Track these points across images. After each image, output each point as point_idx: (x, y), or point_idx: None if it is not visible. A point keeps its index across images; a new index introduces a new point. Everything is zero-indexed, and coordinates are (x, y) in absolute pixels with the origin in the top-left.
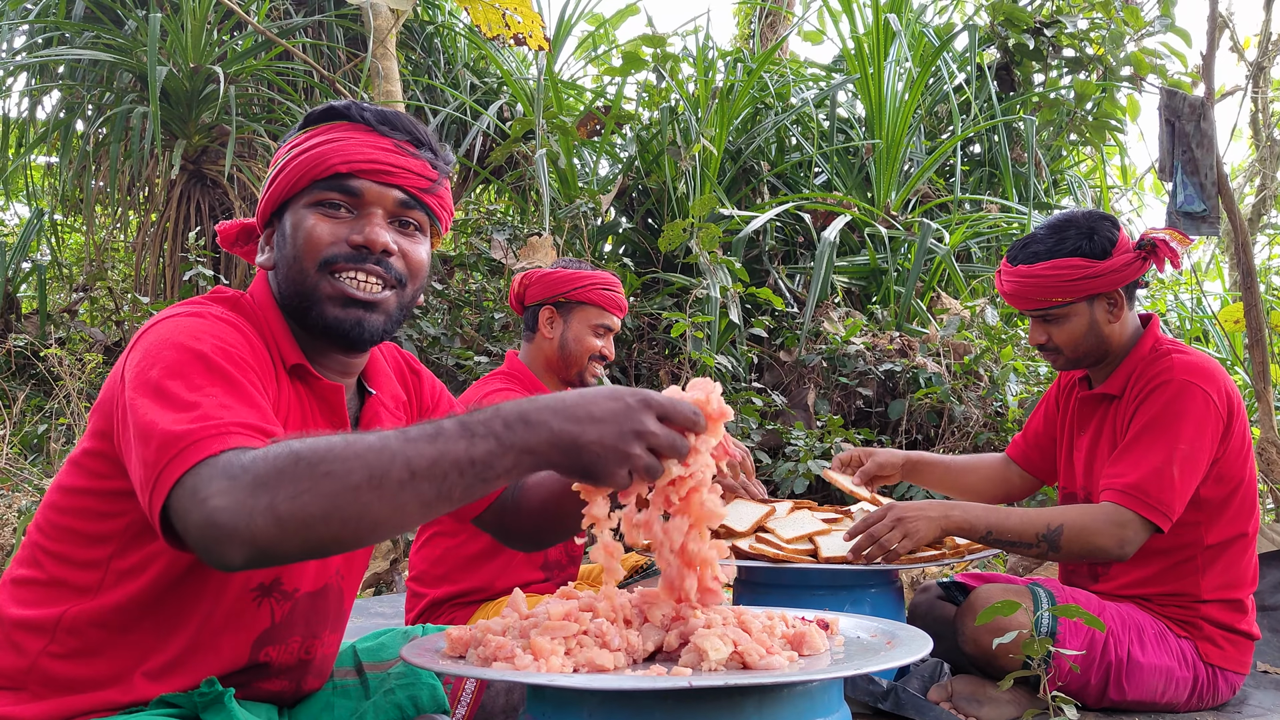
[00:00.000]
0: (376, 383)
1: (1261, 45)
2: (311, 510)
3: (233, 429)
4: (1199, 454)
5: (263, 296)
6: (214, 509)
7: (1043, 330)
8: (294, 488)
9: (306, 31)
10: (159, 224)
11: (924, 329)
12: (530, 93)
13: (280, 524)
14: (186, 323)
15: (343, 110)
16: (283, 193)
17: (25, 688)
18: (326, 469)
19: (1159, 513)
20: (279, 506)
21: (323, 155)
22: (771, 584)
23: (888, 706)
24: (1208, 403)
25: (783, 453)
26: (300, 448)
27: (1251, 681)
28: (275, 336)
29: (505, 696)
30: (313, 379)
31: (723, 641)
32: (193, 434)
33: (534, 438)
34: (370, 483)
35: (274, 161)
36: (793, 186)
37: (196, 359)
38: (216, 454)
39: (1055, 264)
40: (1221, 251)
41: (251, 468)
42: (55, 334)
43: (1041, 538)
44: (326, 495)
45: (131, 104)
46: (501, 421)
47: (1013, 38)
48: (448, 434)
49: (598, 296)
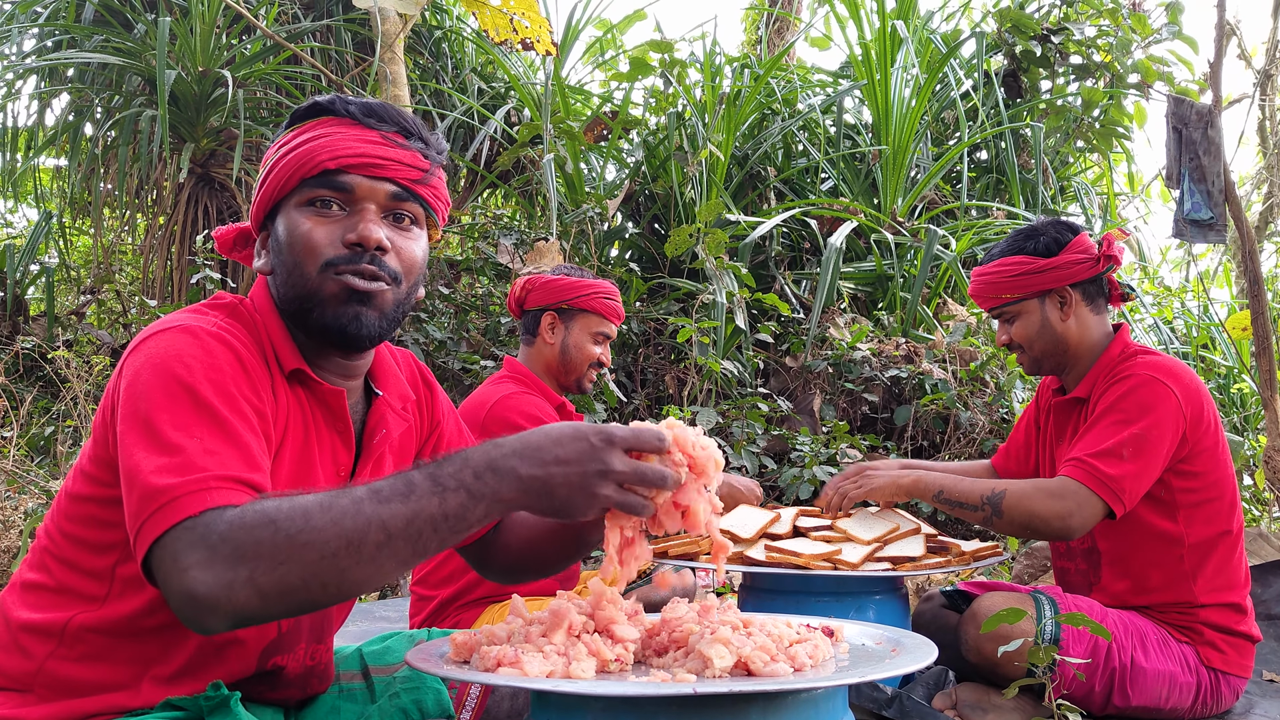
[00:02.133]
0: (384, 384)
1: (1269, 53)
2: (292, 580)
3: (213, 484)
4: (1156, 443)
5: (262, 301)
6: (193, 581)
7: (1004, 329)
8: (273, 559)
9: (315, 36)
10: (167, 227)
11: (930, 335)
12: (537, 97)
13: (262, 595)
14: (180, 344)
15: (327, 105)
16: (273, 194)
17: (32, 690)
18: (305, 539)
19: (1107, 489)
20: (259, 579)
21: (310, 152)
22: (776, 590)
23: (892, 714)
24: (1168, 395)
25: (788, 458)
26: (278, 515)
27: (1257, 690)
28: (274, 342)
29: (510, 701)
30: (314, 384)
31: (727, 648)
32: (173, 489)
33: (504, 486)
34: (348, 549)
35: (264, 163)
36: (799, 192)
37: (185, 393)
38: (196, 514)
39: (1002, 262)
40: (1229, 258)
41: (230, 538)
42: (63, 336)
43: (986, 500)
44: (306, 564)
45: (140, 107)
46: (471, 472)
47: (1020, 44)
48: (420, 490)
49: (600, 305)
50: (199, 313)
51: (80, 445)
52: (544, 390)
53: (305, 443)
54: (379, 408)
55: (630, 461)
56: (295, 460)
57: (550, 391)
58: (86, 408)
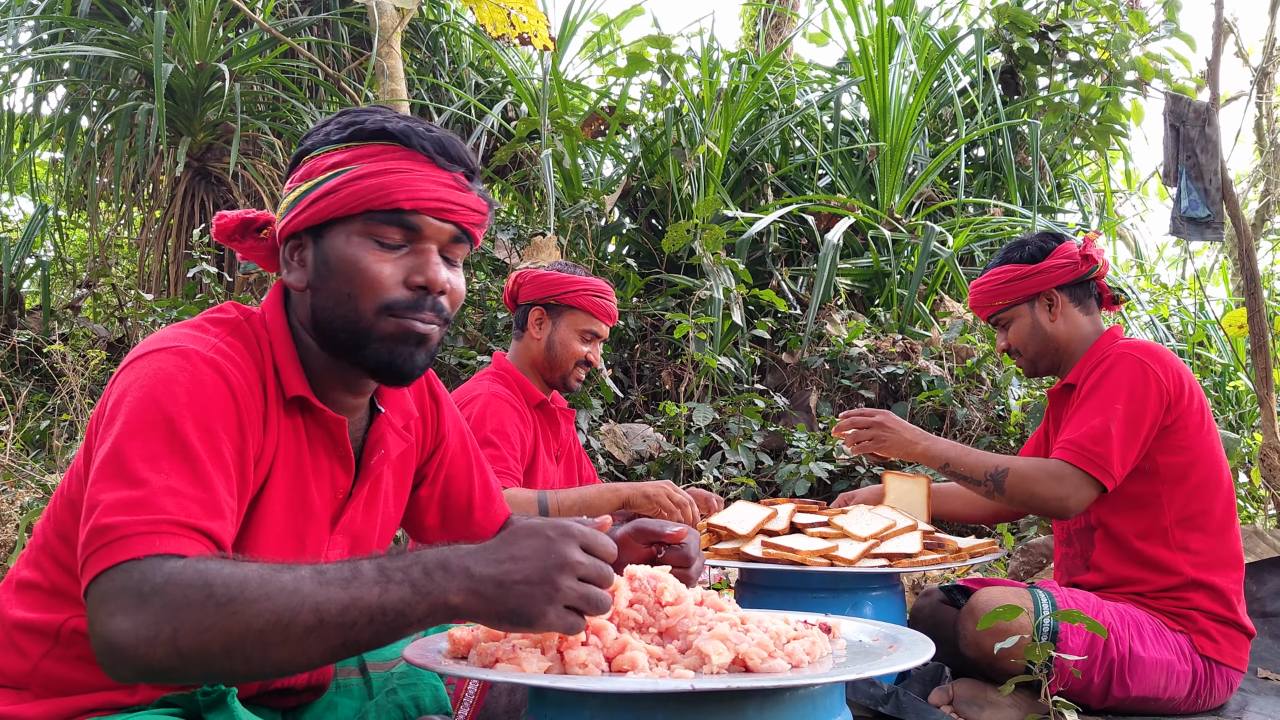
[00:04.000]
0: (387, 401)
1: (1266, 51)
2: (213, 648)
3: (166, 528)
4: (1140, 417)
5: (275, 319)
6: (115, 627)
7: (1001, 336)
8: (198, 623)
9: (312, 30)
10: (163, 221)
11: (927, 332)
12: (535, 92)
13: (180, 657)
14: (171, 369)
15: (400, 135)
16: (328, 213)
17: (28, 688)
18: (235, 609)
19: (1098, 466)
20: (180, 641)
21: (385, 187)
22: (773, 586)
23: (889, 710)
24: (1146, 371)
25: (785, 455)
26: (215, 580)
27: (1252, 688)
28: (278, 365)
29: (507, 697)
30: (316, 411)
31: (725, 644)
32: (123, 528)
33: (451, 584)
34: (275, 627)
35: (310, 171)
36: (796, 188)
37: (164, 423)
38: (139, 558)
39: (994, 272)
40: (1226, 256)
41: (163, 591)
42: (59, 330)
43: (989, 476)
44: (230, 635)
45: (137, 100)
46: (421, 568)
47: (1017, 41)
48: (363, 579)
49: (588, 302)
50: (200, 330)
51: (76, 439)
52: (525, 387)
53: (300, 468)
54: (379, 427)
55: (590, 557)
56: (290, 485)
57: (532, 388)
58: (82, 402)
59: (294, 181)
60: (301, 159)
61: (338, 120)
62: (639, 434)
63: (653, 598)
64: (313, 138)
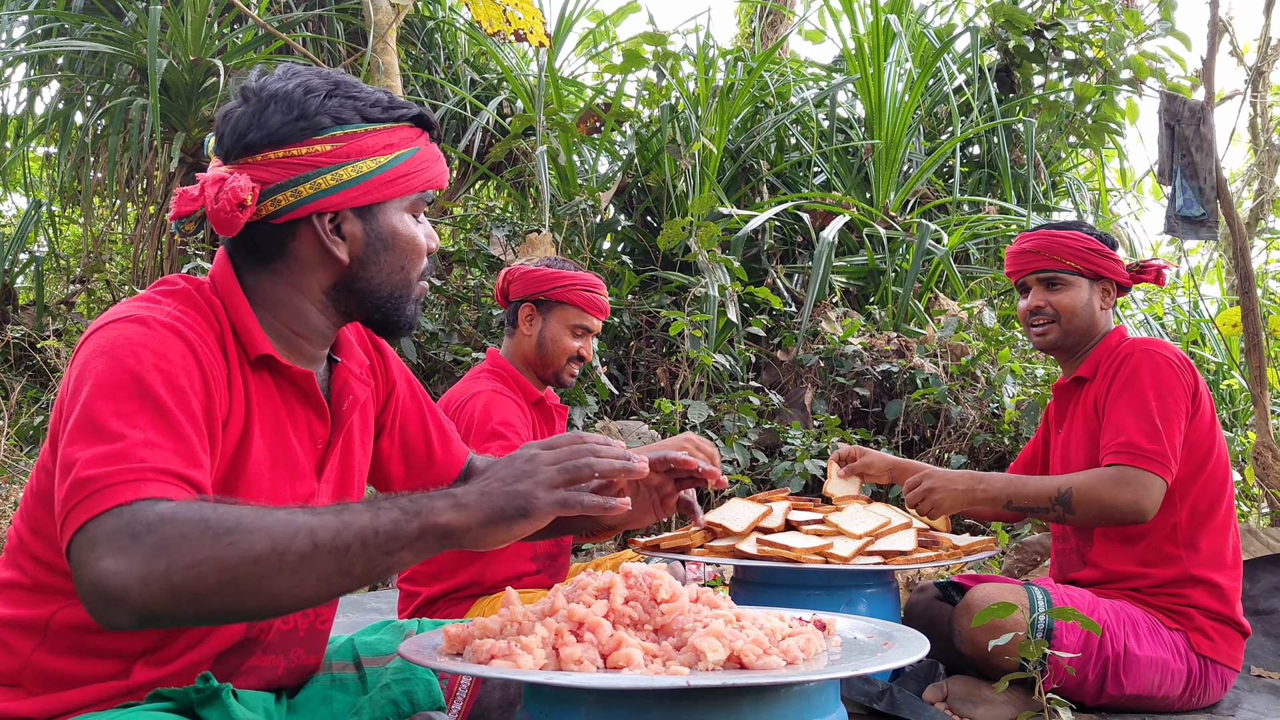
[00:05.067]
0: (342, 352)
1: (1261, 50)
2: (208, 582)
3: (150, 475)
4: (1175, 410)
5: (229, 286)
6: (105, 569)
7: (1040, 294)
8: (193, 556)
9: (307, 25)
10: (157, 216)
11: (921, 330)
12: (530, 89)
13: (173, 594)
14: (130, 334)
15: (430, 123)
16: (396, 193)
17: (20, 684)
18: (231, 539)
19: (1156, 462)
20: (174, 575)
21: (434, 175)
22: (768, 584)
23: (883, 707)
24: (1169, 363)
25: (779, 452)
26: (212, 515)
27: (1245, 685)
28: (237, 328)
29: (501, 692)
30: (282, 367)
31: (720, 641)
32: (106, 477)
33: (438, 503)
34: (272, 554)
35: (358, 149)
36: (792, 186)
37: (132, 382)
38: (127, 502)
39: (1078, 235)
40: (1221, 254)
41: (157, 529)
42: (52, 325)
43: (1055, 501)
44: (225, 565)
45: (131, 96)
46: (408, 497)
47: (1013, 40)
48: (354, 508)
49: (577, 297)
50: (151, 301)
51: None
52: (521, 383)
53: (278, 423)
54: (341, 375)
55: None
56: (271, 440)
57: (528, 385)
58: None
59: (321, 156)
60: (313, 131)
61: (358, 96)
62: (634, 431)
63: (648, 595)
64: (329, 109)
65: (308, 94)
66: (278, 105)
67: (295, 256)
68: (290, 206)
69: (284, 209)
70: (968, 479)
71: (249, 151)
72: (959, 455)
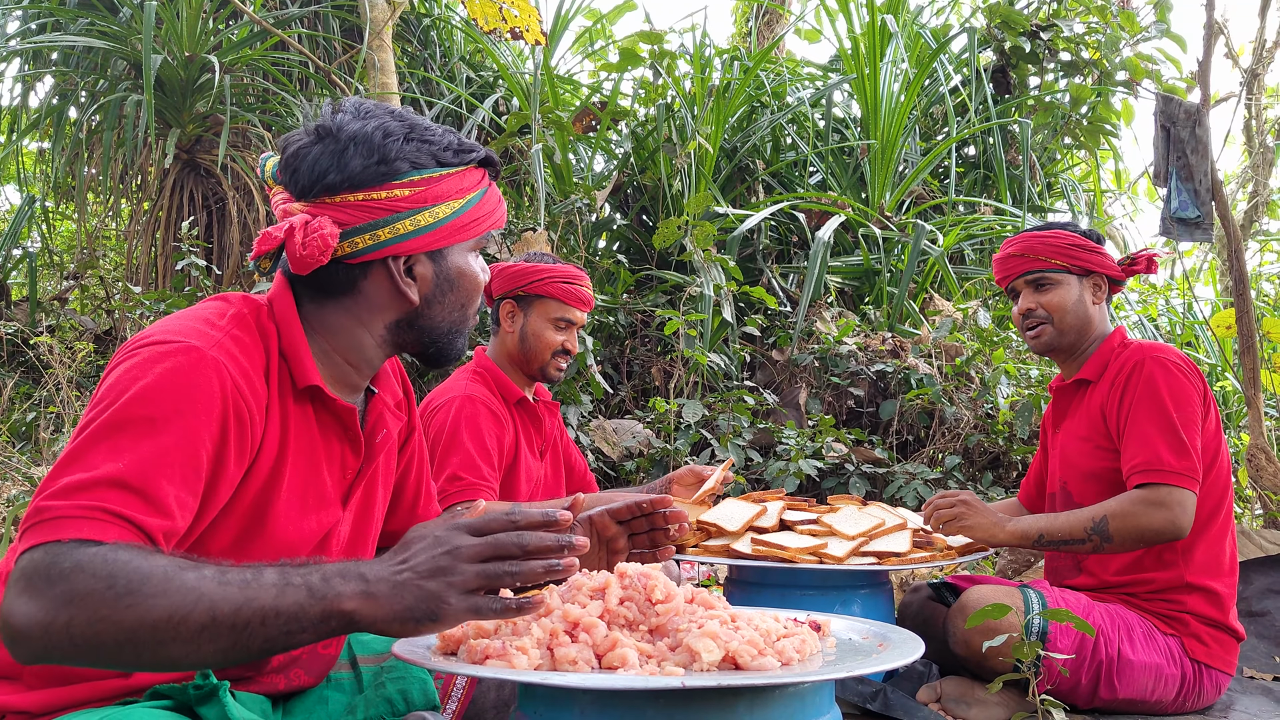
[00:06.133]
0: (380, 383)
1: (1256, 52)
2: (105, 640)
3: (97, 515)
4: (1192, 413)
5: (286, 313)
6: (15, 610)
7: (1031, 297)
8: (95, 613)
9: (302, 22)
10: (151, 213)
11: (916, 330)
12: (526, 87)
13: (74, 645)
14: (169, 366)
15: (494, 163)
16: (469, 235)
17: (20, 678)
18: (130, 602)
19: (1186, 477)
20: (75, 629)
21: (499, 217)
22: (762, 583)
23: (876, 707)
24: (1181, 370)
25: (774, 452)
26: (118, 570)
27: (1238, 687)
28: (289, 357)
29: (496, 692)
30: (328, 399)
31: (715, 642)
32: (56, 510)
33: (346, 588)
34: (169, 622)
35: (435, 193)
36: (788, 186)
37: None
38: (62, 541)
39: (1061, 233)
40: (1215, 255)
41: (69, 577)
42: (45, 321)
43: (1091, 531)
44: (123, 628)
45: (125, 92)
46: (320, 575)
47: (1009, 40)
48: (263, 581)
49: (557, 289)
50: (208, 324)
51: (63, 431)
52: (504, 384)
53: (313, 452)
54: (376, 408)
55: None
56: (304, 469)
57: (511, 385)
58: (69, 394)
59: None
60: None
61: (432, 140)
62: (628, 430)
63: (643, 595)
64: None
65: (386, 138)
66: (358, 148)
67: (365, 295)
68: (368, 249)
69: (361, 251)
70: (1002, 516)
71: (329, 192)
72: (953, 456)
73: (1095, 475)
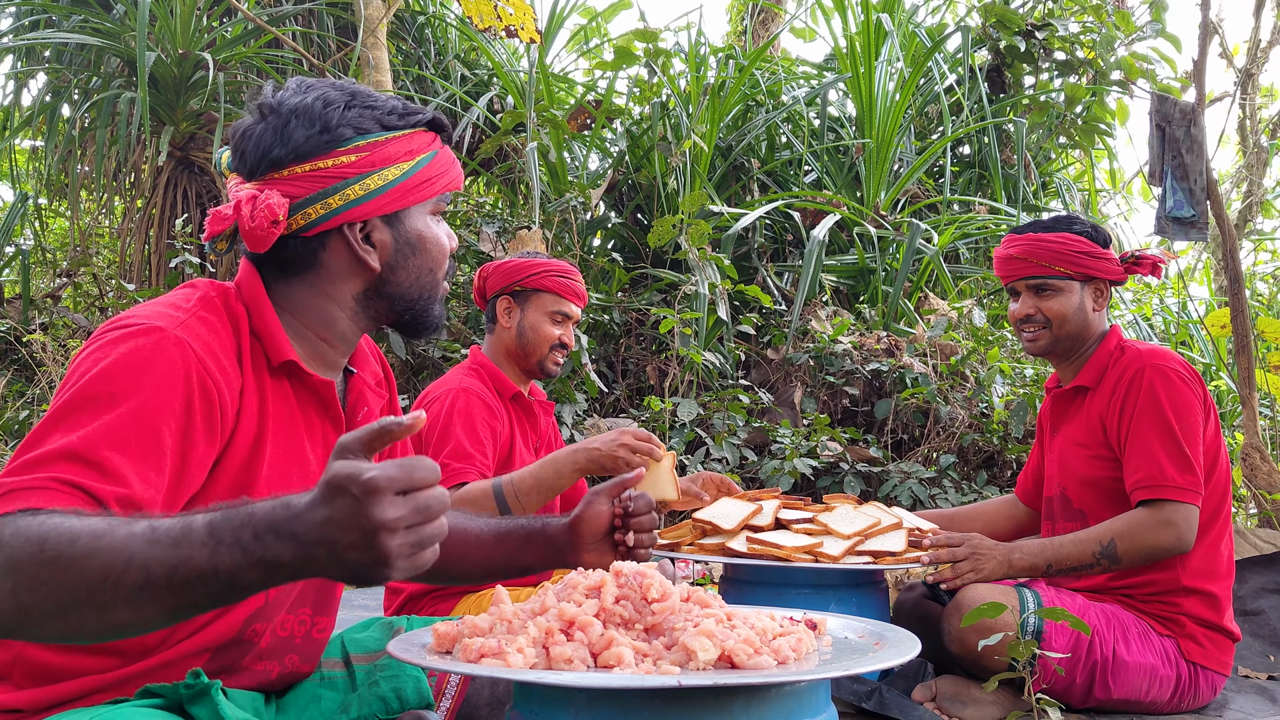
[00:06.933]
0: (358, 362)
1: (1250, 52)
2: (48, 604)
3: (46, 483)
4: (1193, 424)
5: (254, 293)
6: None
7: (1030, 301)
8: (34, 577)
9: (297, 19)
10: (145, 210)
11: (911, 329)
12: (521, 85)
13: (22, 612)
14: (132, 347)
15: (444, 125)
16: (421, 198)
17: (9, 677)
18: (63, 563)
19: (1189, 492)
20: (20, 597)
21: (454, 178)
22: (757, 582)
23: (872, 706)
24: (1181, 378)
25: (769, 450)
26: (51, 533)
27: (1233, 685)
28: (261, 335)
29: (490, 690)
30: (304, 374)
31: (711, 641)
32: (10, 485)
33: (285, 549)
34: (104, 582)
35: (382, 157)
36: (783, 184)
37: (104, 398)
38: (10, 512)
39: (1066, 236)
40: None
41: (9, 545)
42: (38, 319)
43: (1099, 555)
44: (64, 588)
45: (119, 89)
46: (251, 531)
47: (1004, 40)
48: (193, 540)
49: (552, 283)
50: (174, 307)
51: None
52: (500, 379)
53: (294, 431)
54: (356, 386)
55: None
56: (286, 447)
57: (507, 380)
58: None
59: (348, 167)
60: (336, 143)
61: (375, 105)
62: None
63: (639, 594)
64: (350, 120)
65: (327, 107)
66: (299, 120)
67: (326, 266)
68: (321, 219)
69: (315, 221)
70: (1007, 546)
71: (275, 167)
72: (948, 455)
73: (1094, 483)
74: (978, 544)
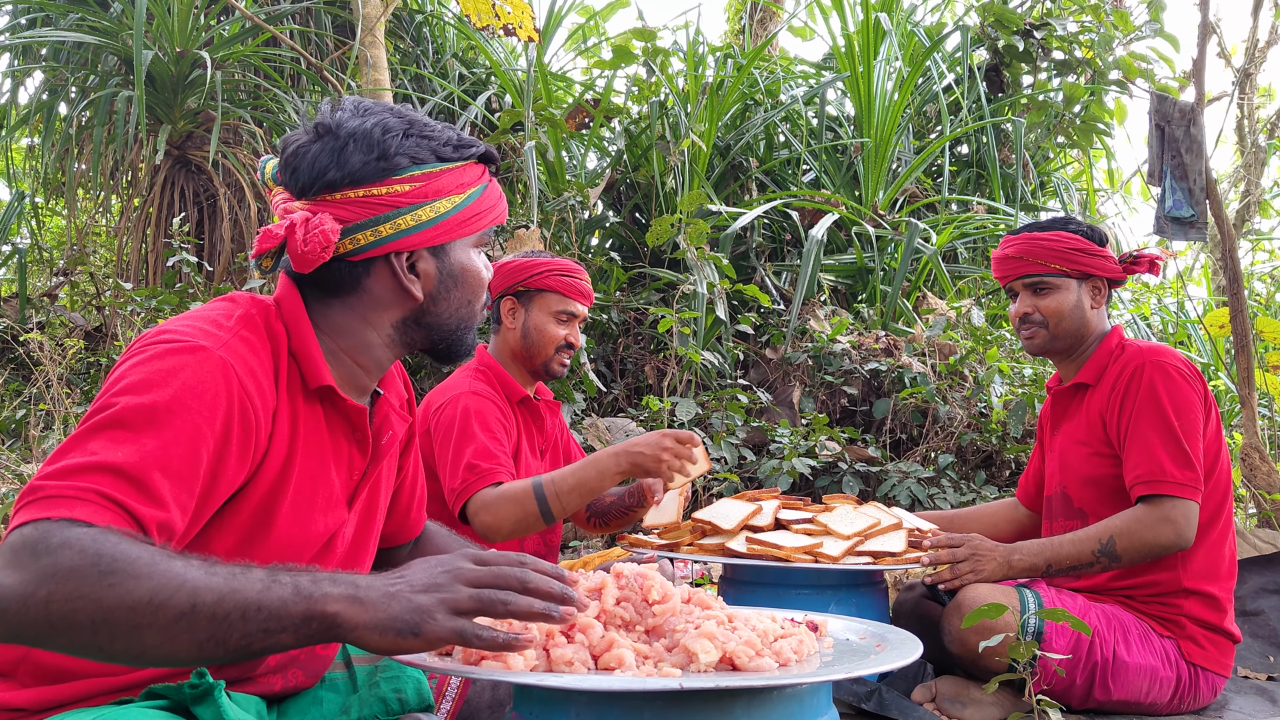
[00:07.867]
0: (385, 385)
1: (1248, 52)
2: (81, 620)
3: (91, 497)
4: (1193, 420)
5: (295, 314)
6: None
7: (1028, 300)
8: (76, 589)
9: (294, 18)
10: (142, 209)
11: (910, 329)
12: (519, 84)
13: (49, 622)
14: (175, 362)
15: (494, 158)
16: (469, 231)
17: (14, 676)
18: (113, 580)
19: (1188, 488)
20: (53, 605)
21: (500, 212)
22: (757, 582)
23: (871, 707)
24: (1181, 375)
25: (767, 450)
26: (105, 549)
27: (1233, 686)
28: (300, 357)
29: (491, 692)
30: (338, 399)
31: (712, 643)
32: (50, 489)
33: (335, 590)
34: (148, 605)
35: (434, 189)
36: (781, 184)
37: (144, 410)
38: (53, 519)
39: (1061, 235)
40: (1208, 254)
41: (56, 553)
42: (35, 318)
43: (1098, 554)
44: (104, 607)
45: (116, 87)
46: (311, 576)
47: (1003, 39)
48: (251, 576)
49: (556, 283)
50: (215, 325)
51: (53, 429)
52: (506, 382)
53: (321, 453)
54: (382, 409)
55: (485, 567)
56: (312, 471)
57: (513, 383)
58: (59, 391)
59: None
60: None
61: (432, 135)
62: (621, 428)
63: (640, 596)
64: (407, 149)
65: (386, 134)
66: (357, 145)
67: (369, 292)
68: (369, 245)
69: (363, 247)
70: (1007, 548)
71: (329, 189)
72: (946, 455)
73: (1094, 480)
74: (978, 544)
